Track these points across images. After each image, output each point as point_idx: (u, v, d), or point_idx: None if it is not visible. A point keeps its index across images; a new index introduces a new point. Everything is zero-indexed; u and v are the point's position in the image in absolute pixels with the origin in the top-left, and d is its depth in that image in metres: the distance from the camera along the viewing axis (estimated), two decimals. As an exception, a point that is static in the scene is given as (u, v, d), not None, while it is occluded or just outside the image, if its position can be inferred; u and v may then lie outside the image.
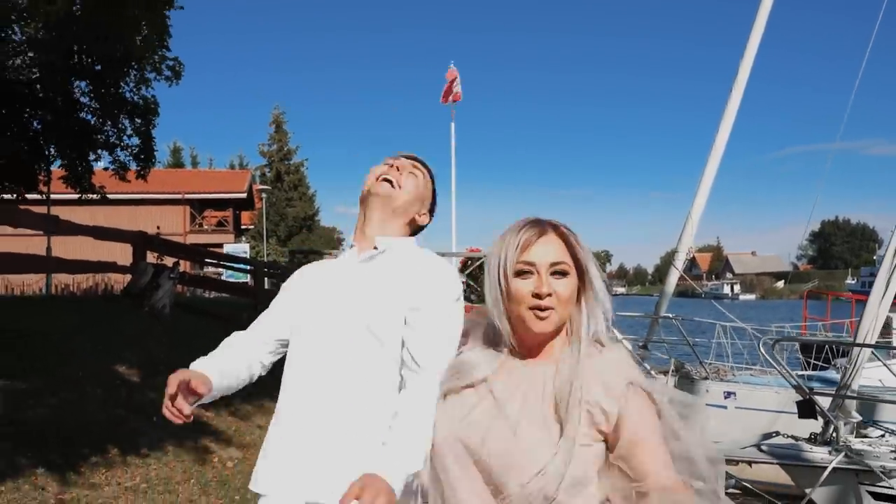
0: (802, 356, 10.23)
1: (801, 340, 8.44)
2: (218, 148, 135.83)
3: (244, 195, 33.57)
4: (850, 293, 27.86)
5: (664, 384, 1.41)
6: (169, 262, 10.78)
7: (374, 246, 1.66)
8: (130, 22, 10.06)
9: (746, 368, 8.38)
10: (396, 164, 1.73)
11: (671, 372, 8.23)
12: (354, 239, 1.71)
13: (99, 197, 14.79)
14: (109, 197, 15.23)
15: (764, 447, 4.70)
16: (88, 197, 14.82)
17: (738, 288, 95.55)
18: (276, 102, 64.63)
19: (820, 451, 4.50)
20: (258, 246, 33.68)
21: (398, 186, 1.69)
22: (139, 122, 14.52)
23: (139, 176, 14.28)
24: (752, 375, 8.22)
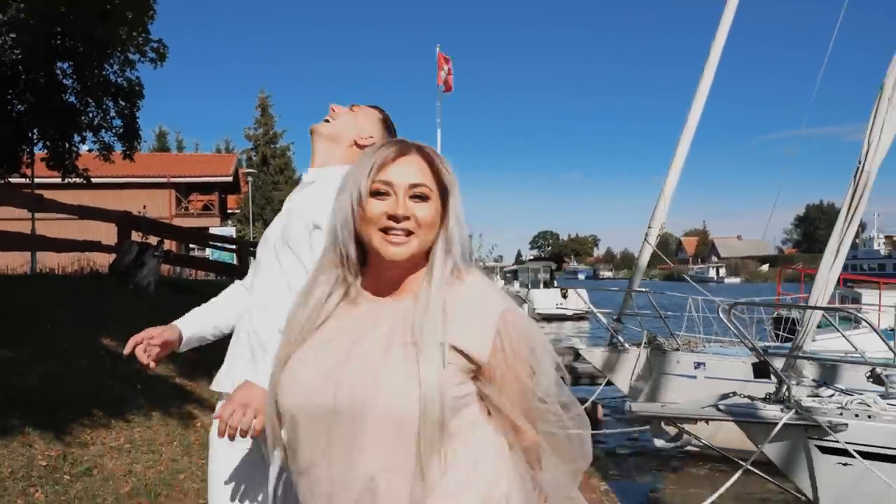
0: (773, 330, 10.57)
1: (754, 304, 8.73)
2: (204, 132, 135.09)
3: (230, 179, 33.45)
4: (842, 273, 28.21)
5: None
6: (153, 241, 10.92)
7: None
8: (112, 4, 10.14)
9: (717, 340, 8.65)
10: (335, 107, 1.98)
11: (643, 344, 8.49)
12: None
13: (83, 180, 14.80)
14: (94, 181, 15.23)
15: (721, 406, 4.95)
16: (72, 180, 14.83)
17: (723, 271, 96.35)
18: (261, 86, 64.26)
19: (773, 408, 4.75)
20: (244, 229, 33.72)
21: (332, 121, 1.96)
22: (123, 104, 14.53)
23: (125, 157, 14.31)
24: (721, 347, 8.49)
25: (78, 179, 14.80)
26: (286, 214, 1.89)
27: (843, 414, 4.62)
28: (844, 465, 4.63)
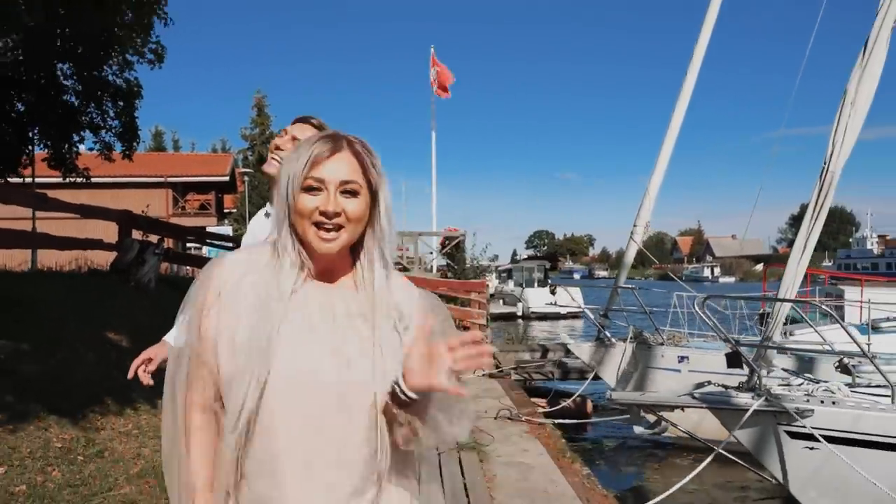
0: (759, 325, 10.87)
1: (729, 297, 9.05)
2: (199, 133, 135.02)
3: (227, 178, 33.68)
4: (824, 270, 28.61)
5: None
6: (153, 239, 11.17)
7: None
8: (113, 6, 10.36)
9: (700, 335, 8.94)
10: (279, 143, 2.17)
11: (629, 339, 8.78)
12: None
13: (84, 179, 15.03)
14: (92, 180, 15.45)
15: (696, 394, 5.22)
16: (72, 179, 15.05)
17: (717, 271, 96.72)
18: (257, 87, 64.47)
19: (744, 396, 5.03)
20: (241, 229, 33.90)
21: (279, 160, 2.14)
22: (122, 104, 14.75)
23: (125, 156, 14.53)
24: (704, 341, 8.78)
25: (78, 179, 15.05)
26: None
27: (809, 401, 4.91)
28: (811, 448, 4.92)
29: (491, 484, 4.88)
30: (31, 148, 14.92)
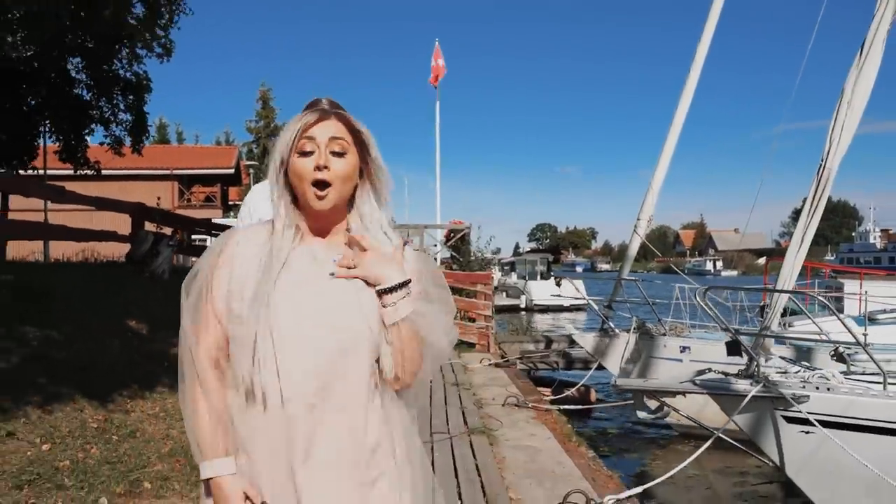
0: (759, 317, 11.07)
1: (729, 288, 9.27)
2: (202, 125, 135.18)
3: (232, 171, 33.88)
4: (825, 264, 28.82)
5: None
6: (165, 231, 11.42)
7: None
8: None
9: (702, 326, 9.16)
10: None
11: (633, 329, 9.01)
12: None
13: (95, 172, 15.25)
14: (89, 173, 15.59)
15: (697, 381, 5.45)
16: (83, 172, 15.26)
17: (720, 264, 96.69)
18: (262, 79, 64.58)
19: (743, 382, 5.25)
20: (246, 221, 34.04)
21: None
22: (132, 98, 14.95)
23: (134, 150, 14.73)
24: (706, 332, 9.01)
25: (89, 171, 15.27)
26: None
27: (805, 387, 5.13)
28: (806, 433, 5.14)
29: (501, 465, 5.12)
30: (42, 141, 15.15)
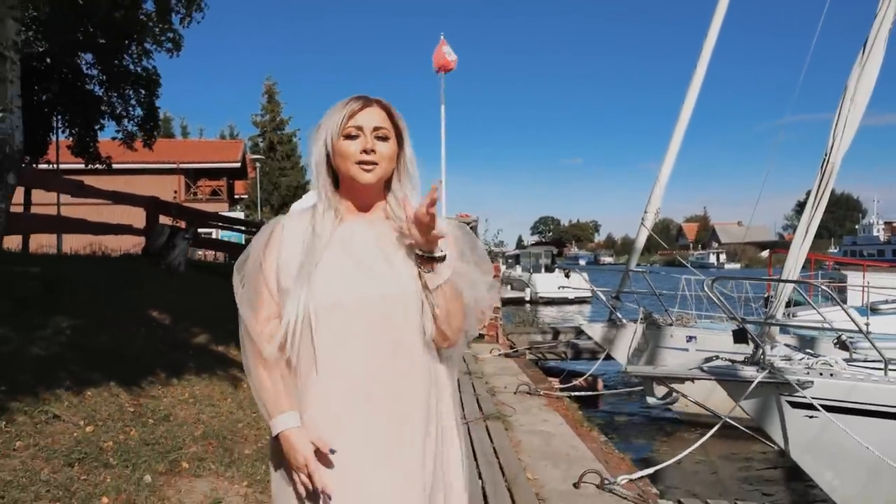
0: (763, 307, 11.28)
1: (735, 278, 9.45)
2: (206, 118, 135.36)
3: (238, 165, 34.09)
4: (829, 256, 28.99)
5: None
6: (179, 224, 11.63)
7: None
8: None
9: (707, 316, 9.36)
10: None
11: (640, 320, 9.21)
12: None
13: (106, 166, 15.45)
14: (101, 167, 15.78)
15: (705, 368, 5.65)
16: (94, 166, 15.46)
17: (723, 257, 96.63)
18: (267, 73, 64.67)
19: (749, 369, 5.45)
20: (252, 215, 34.40)
21: None
22: (143, 93, 15.13)
23: (146, 145, 14.93)
24: (711, 322, 9.21)
25: (100, 166, 15.48)
26: None
27: (809, 373, 5.33)
28: (810, 417, 5.34)
29: (517, 448, 5.34)
30: (55, 136, 15.36)
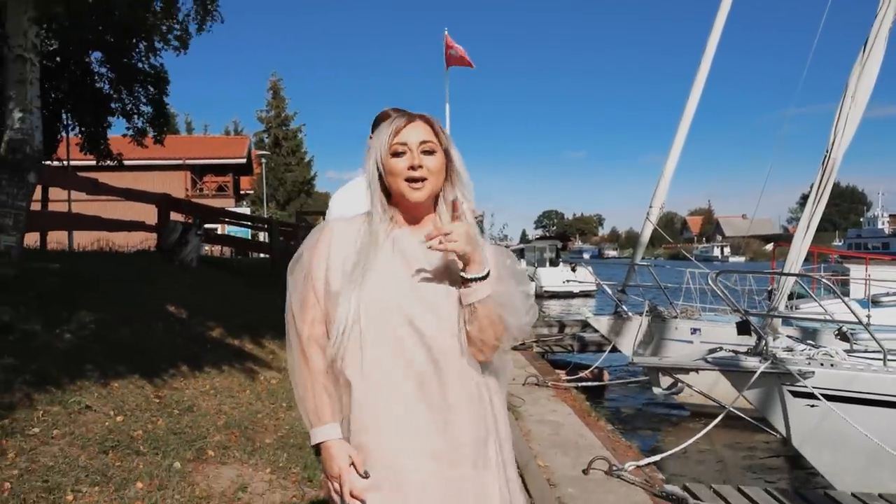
0: (766, 300, 11.43)
1: (739, 272, 9.61)
2: (210, 115, 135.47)
3: (244, 160, 34.31)
4: (833, 249, 29.08)
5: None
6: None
7: None
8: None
9: (711, 309, 9.52)
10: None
11: (645, 312, 9.36)
12: None
13: (117, 163, 15.63)
14: (112, 164, 15.96)
15: (709, 359, 5.82)
16: (105, 163, 15.64)
17: (727, 250, 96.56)
18: (272, 70, 64.82)
19: (752, 359, 5.62)
20: (258, 210, 34.59)
21: None
22: (152, 90, 15.30)
23: (157, 141, 15.10)
24: (715, 315, 9.36)
25: (111, 162, 15.66)
26: None
27: (810, 363, 5.49)
28: (811, 406, 5.50)
29: (527, 437, 5.51)
30: (66, 134, 15.54)
